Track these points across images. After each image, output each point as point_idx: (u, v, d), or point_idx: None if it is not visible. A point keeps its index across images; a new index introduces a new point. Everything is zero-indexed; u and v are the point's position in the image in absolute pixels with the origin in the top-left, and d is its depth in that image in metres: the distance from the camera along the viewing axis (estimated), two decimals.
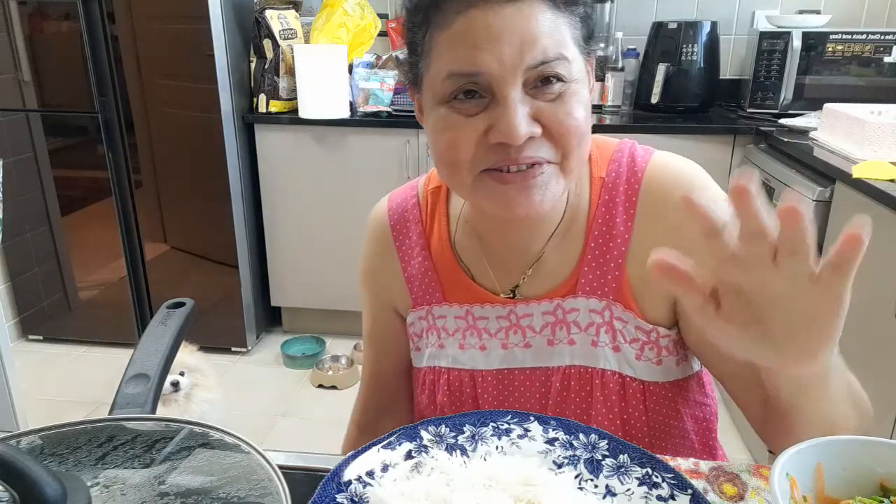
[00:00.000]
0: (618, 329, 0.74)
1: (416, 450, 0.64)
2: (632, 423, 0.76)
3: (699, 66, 2.58)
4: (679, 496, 0.58)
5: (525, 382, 0.79)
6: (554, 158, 0.64)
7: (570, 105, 0.62)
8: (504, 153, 0.63)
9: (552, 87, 0.62)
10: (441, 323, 0.81)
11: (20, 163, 2.64)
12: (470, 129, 0.63)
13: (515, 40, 0.60)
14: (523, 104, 0.61)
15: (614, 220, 0.73)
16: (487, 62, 0.60)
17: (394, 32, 2.95)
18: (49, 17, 2.48)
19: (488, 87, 0.61)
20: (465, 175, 0.66)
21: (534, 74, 0.61)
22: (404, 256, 0.83)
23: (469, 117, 0.63)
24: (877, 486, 0.55)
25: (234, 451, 0.51)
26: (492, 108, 0.62)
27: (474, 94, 0.62)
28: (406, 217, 0.83)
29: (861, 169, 1.65)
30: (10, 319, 2.84)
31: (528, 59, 0.60)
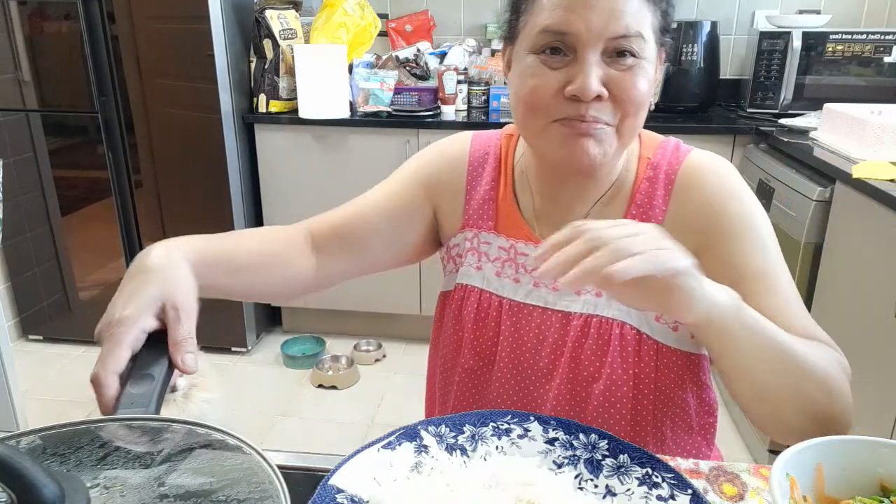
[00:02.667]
0: None
1: (416, 450, 0.64)
2: (642, 379, 0.81)
3: (699, 66, 2.58)
4: (679, 496, 0.58)
5: (546, 322, 0.84)
6: (613, 122, 0.73)
7: (636, 77, 0.71)
8: (575, 107, 0.71)
9: (626, 59, 0.71)
10: (485, 248, 0.88)
11: (20, 163, 2.64)
12: (551, 79, 0.72)
13: (605, 10, 0.69)
14: (598, 66, 0.70)
15: (655, 193, 0.81)
16: (576, 24, 0.69)
17: (394, 32, 2.95)
18: (49, 17, 2.48)
19: (573, 47, 0.71)
20: (539, 120, 0.74)
21: (613, 45, 0.70)
22: (472, 181, 0.89)
23: (552, 70, 0.72)
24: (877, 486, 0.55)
25: (235, 452, 0.51)
26: (572, 65, 0.71)
27: (560, 52, 0.71)
28: (486, 154, 0.90)
29: (861, 169, 1.65)
30: (10, 319, 2.84)
31: (612, 29, 0.69)
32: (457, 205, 0.90)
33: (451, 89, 2.60)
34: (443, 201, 0.91)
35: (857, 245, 1.64)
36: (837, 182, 1.76)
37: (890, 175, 1.59)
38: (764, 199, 2.08)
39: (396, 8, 2.99)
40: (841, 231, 1.73)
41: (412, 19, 2.95)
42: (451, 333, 0.90)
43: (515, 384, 0.87)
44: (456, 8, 2.98)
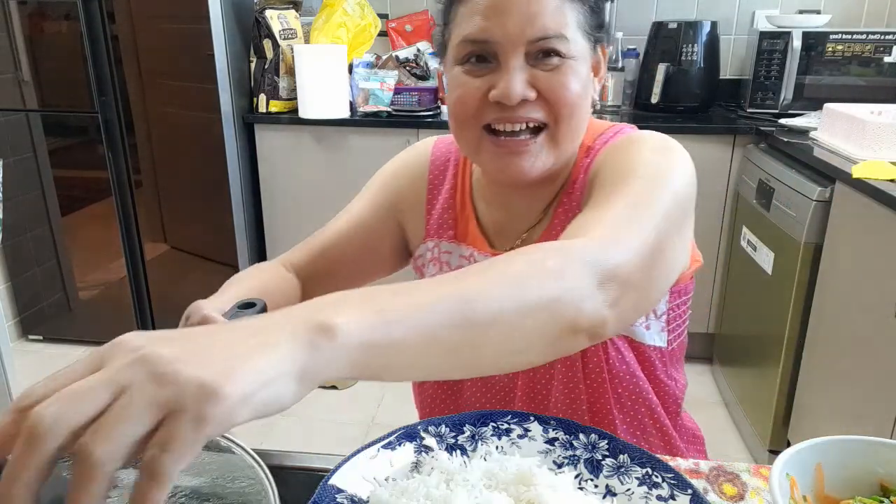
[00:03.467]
0: None
1: (416, 450, 0.64)
2: (591, 369, 0.80)
3: (699, 66, 2.58)
4: (679, 496, 0.58)
5: None
6: (546, 120, 0.72)
7: (565, 77, 0.71)
8: (501, 111, 0.71)
9: (551, 59, 0.70)
10: (446, 258, 0.88)
11: (20, 163, 2.64)
12: (475, 88, 0.72)
13: (521, 14, 0.69)
14: (522, 70, 0.70)
15: (579, 177, 0.80)
16: (493, 32, 0.70)
17: (394, 32, 2.95)
18: (49, 17, 2.48)
19: (494, 54, 0.71)
20: (470, 131, 0.75)
21: (534, 47, 0.70)
22: (433, 189, 0.90)
23: (476, 78, 0.72)
24: (877, 485, 0.55)
25: (225, 452, 0.51)
26: (496, 72, 0.71)
27: (484, 60, 0.72)
28: (447, 159, 0.91)
29: (861, 169, 1.65)
30: (10, 319, 2.84)
31: (530, 33, 0.69)
32: (419, 215, 0.90)
33: None
34: (407, 214, 0.91)
35: (857, 245, 1.64)
36: (837, 182, 1.76)
37: (890, 175, 1.59)
38: (764, 199, 2.08)
39: (396, 8, 2.98)
40: (841, 231, 1.73)
41: (412, 19, 2.95)
42: None
43: (485, 392, 0.88)
44: None
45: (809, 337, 1.86)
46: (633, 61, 2.72)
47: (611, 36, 2.74)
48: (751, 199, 2.19)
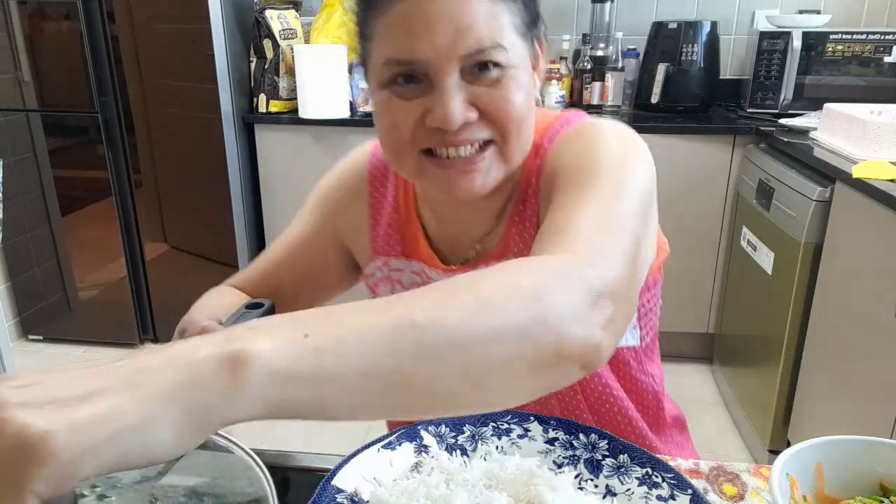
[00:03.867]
0: None
1: (416, 450, 0.64)
2: None
3: (699, 66, 2.57)
4: (679, 496, 0.58)
5: None
6: (492, 137, 0.65)
7: (507, 90, 0.63)
8: (441, 135, 0.64)
9: (489, 73, 0.63)
10: (397, 276, 0.83)
11: (20, 163, 2.64)
12: (408, 112, 0.64)
13: (450, 28, 0.60)
14: (459, 90, 0.62)
15: (530, 178, 0.73)
16: (423, 50, 0.61)
17: None
18: (49, 17, 2.48)
19: (425, 74, 0.63)
20: (408, 156, 0.67)
21: (469, 62, 0.62)
22: (375, 204, 0.84)
23: (408, 101, 0.64)
24: (876, 486, 0.55)
25: (224, 452, 0.51)
26: (429, 93, 0.63)
27: (413, 79, 0.63)
28: (387, 169, 0.84)
29: (861, 169, 1.65)
30: (10, 319, 2.84)
31: (463, 48, 0.61)
32: (364, 233, 0.84)
33: None
34: (350, 233, 0.86)
35: (857, 245, 1.64)
36: (837, 182, 1.76)
37: (890, 175, 1.59)
38: (764, 198, 2.08)
39: None
40: (841, 231, 1.73)
41: None
42: None
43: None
44: None
45: (809, 337, 1.86)
46: (633, 61, 2.72)
47: (611, 36, 2.74)
48: (751, 199, 2.19)
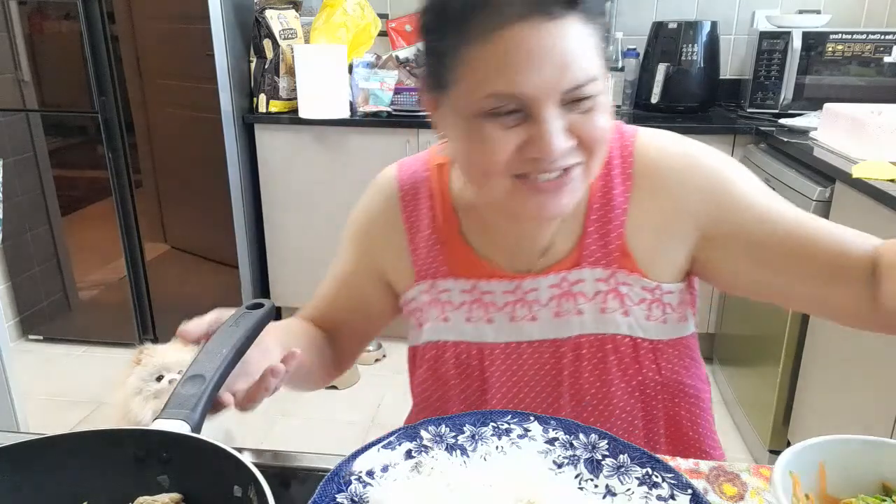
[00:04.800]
0: (624, 293, 0.77)
1: (416, 450, 0.64)
2: (647, 384, 0.79)
3: (699, 66, 2.58)
4: (679, 496, 0.58)
5: (534, 355, 0.80)
6: (582, 161, 0.68)
7: (598, 116, 0.66)
8: (537, 163, 0.66)
9: (584, 103, 0.65)
10: (446, 297, 0.81)
11: (20, 163, 2.64)
12: (507, 142, 0.65)
13: (556, 63, 0.62)
14: (559, 119, 0.64)
15: (612, 192, 0.77)
16: (528, 85, 0.62)
17: (394, 32, 2.95)
18: (49, 16, 2.48)
19: (527, 106, 0.64)
20: (499, 181, 0.68)
21: (570, 95, 0.64)
22: (412, 228, 0.83)
23: (506, 129, 0.65)
24: (879, 485, 0.55)
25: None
26: (529, 123, 0.64)
27: (512, 110, 0.64)
28: (417, 188, 0.84)
29: (861, 169, 1.65)
30: (10, 319, 2.84)
31: (566, 83, 0.63)
32: (405, 260, 0.83)
33: None
34: (389, 262, 0.85)
35: None
36: (837, 182, 1.76)
37: (890, 175, 1.59)
38: None
39: (396, 8, 2.98)
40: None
41: (412, 19, 2.95)
42: (430, 394, 0.85)
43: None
44: None
45: (809, 337, 1.86)
46: (633, 61, 2.72)
47: (611, 36, 2.74)
48: None
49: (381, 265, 0.86)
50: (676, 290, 0.78)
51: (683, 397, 0.82)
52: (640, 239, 0.77)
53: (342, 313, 0.90)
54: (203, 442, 0.52)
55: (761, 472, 0.67)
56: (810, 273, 0.70)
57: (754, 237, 0.73)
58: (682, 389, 0.81)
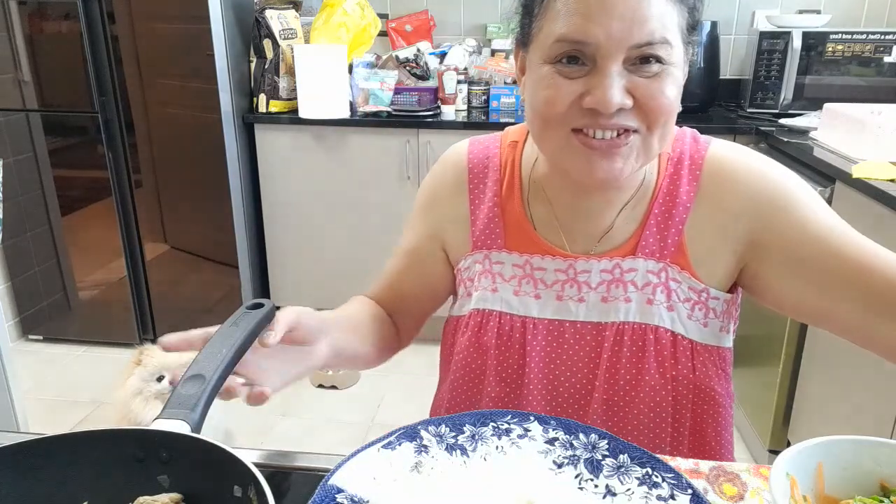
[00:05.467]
0: (672, 289, 0.78)
1: (416, 450, 0.64)
2: (680, 381, 0.79)
3: (699, 65, 2.57)
4: (679, 496, 0.58)
5: (576, 335, 0.81)
6: (638, 127, 0.68)
7: (664, 84, 0.67)
8: (594, 117, 0.67)
9: (651, 66, 0.66)
10: (498, 269, 0.83)
11: (20, 163, 2.64)
12: (568, 90, 0.67)
13: (627, 17, 0.63)
14: (620, 77, 0.65)
15: (678, 190, 0.79)
16: (596, 34, 0.64)
17: (394, 32, 2.95)
18: (49, 17, 2.48)
19: (592, 57, 0.66)
20: (556, 132, 0.70)
21: (636, 52, 0.65)
22: (475, 199, 0.85)
23: (569, 80, 0.67)
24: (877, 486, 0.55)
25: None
26: (591, 75, 0.66)
27: (577, 60, 0.67)
28: (487, 164, 0.86)
29: (861, 169, 1.65)
30: (10, 319, 2.84)
31: (635, 38, 0.64)
32: (464, 229, 0.86)
33: (452, 89, 2.60)
34: (450, 232, 0.88)
35: None
36: (837, 182, 1.76)
37: (890, 175, 1.59)
38: None
39: (396, 8, 2.99)
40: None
41: (412, 19, 2.95)
42: (470, 362, 0.85)
43: (550, 407, 0.83)
44: (456, 8, 2.98)
45: (809, 337, 1.86)
46: None
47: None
48: None
49: (443, 234, 0.88)
50: (722, 299, 0.80)
51: (712, 403, 0.82)
52: (697, 240, 0.78)
53: (406, 285, 0.91)
54: (203, 442, 0.52)
55: (761, 472, 0.67)
56: (861, 302, 0.69)
57: (806, 254, 0.72)
58: (713, 396, 0.81)
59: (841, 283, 0.70)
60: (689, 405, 0.81)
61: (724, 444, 0.85)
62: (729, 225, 0.77)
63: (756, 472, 0.67)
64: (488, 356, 0.84)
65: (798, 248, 0.73)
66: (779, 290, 0.76)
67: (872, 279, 0.68)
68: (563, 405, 0.83)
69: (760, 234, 0.75)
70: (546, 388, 0.83)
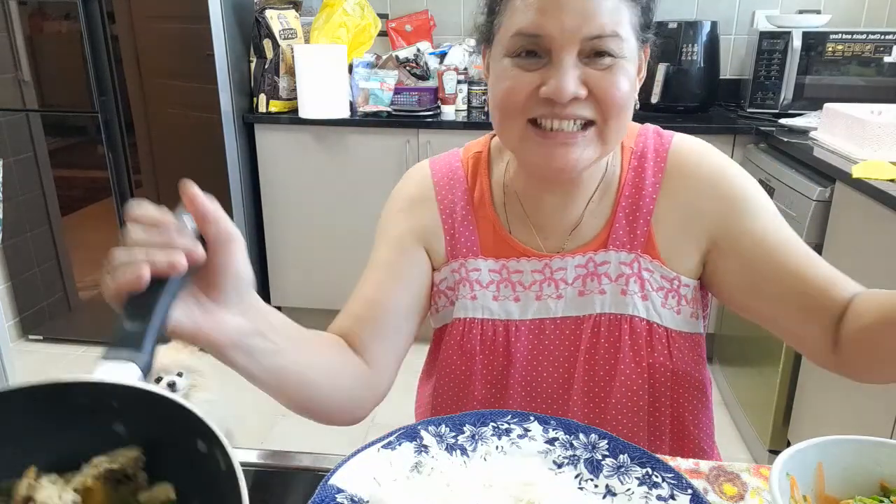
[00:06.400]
0: (646, 279, 0.81)
1: (416, 450, 0.64)
2: (657, 368, 0.81)
3: (699, 65, 2.57)
4: (679, 496, 0.58)
5: (556, 331, 0.83)
6: (594, 118, 0.72)
7: (616, 76, 0.70)
8: (550, 107, 0.71)
9: (603, 59, 0.70)
10: (475, 276, 0.85)
11: (20, 163, 2.64)
12: (526, 81, 0.71)
13: (579, 11, 0.68)
14: (574, 68, 0.69)
15: (643, 182, 0.82)
16: (549, 27, 0.68)
17: (394, 32, 2.95)
18: (49, 17, 2.48)
19: (547, 50, 0.70)
20: (514, 122, 0.73)
21: (588, 46, 0.69)
22: (446, 210, 0.86)
23: (527, 72, 0.71)
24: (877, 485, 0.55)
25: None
26: (548, 67, 0.70)
27: (535, 54, 0.71)
28: (451, 176, 0.88)
29: (861, 169, 1.65)
30: (10, 319, 2.84)
31: (585, 31, 0.68)
32: (439, 236, 0.86)
33: (451, 89, 2.60)
34: (428, 229, 0.86)
35: (857, 245, 1.64)
36: (837, 182, 1.76)
37: (890, 175, 1.59)
38: None
39: (396, 8, 2.99)
40: (841, 231, 1.73)
41: (412, 19, 2.95)
42: (456, 368, 0.86)
43: (534, 404, 0.85)
44: (456, 8, 2.98)
45: None
46: None
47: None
48: None
49: (426, 234, 0.86)
50: (692, 286, 0.82)
51: (689, 388, 0.84)
52: (663, 231, 0.81)
53: (390, 295, 0.83)
54: (151, 394, 0.46)
55: (761, 472, 0.67)
56: (795, 306, 0.74)
57: (758, 260, 0.76)
58: (690, 381, 0.84)
59: (784, 288, 0.74)
60: (668, 392, 0.83)
61: (702, 429, 0.87)
62: (692, 220, 0.80)
63: (756, 472, 0.67)
64: (474, 362, 0.85)
65: (752, 254, 0.77)
66: (730, 290, 0.80)
67: (807, 286, 0.73)
68: (547, 401, 0.85)
69: (720, 236, 0.79)
70: (529, 387, 0.85)
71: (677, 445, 0.86)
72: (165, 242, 0.53)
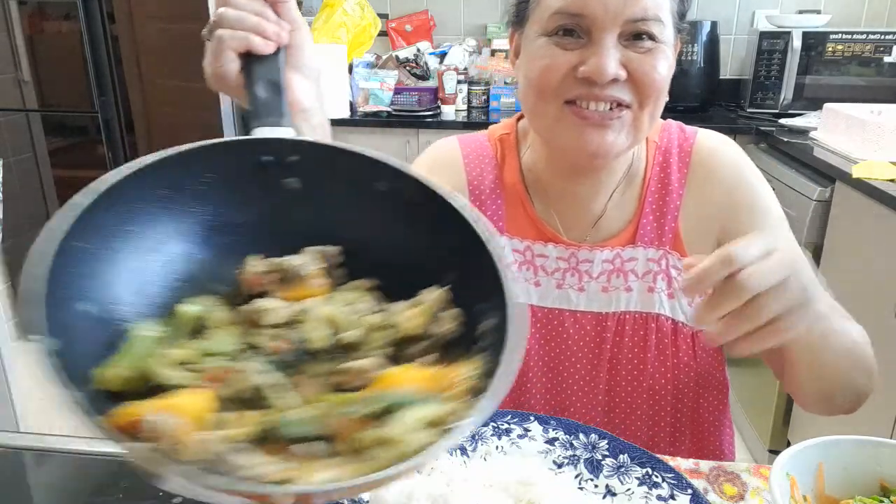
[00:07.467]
0: (673, 276, 0.80)
1: None
2: (682, 369, 0.80)
3: (699, 65, 2.57)
4: (679, 496, 0.58)
5: (575, 325, 0.82)
6: (630, 102, 0.70)
7: (656, 60, 0.69)
8: (588, 87, 0.69)
9: (644, 42, 0.69)
10: None
11: (20, 163, 2.64)
12: (563, 60, 0.70)
13: None
14: (615, 49, 0.68)
15: (669, 178, 0.81)
16: (593, 6, 0.67)
17: (394, 32, 2.95)
18: (49, 17, 2.48)
19: (588, 30, 0.69)
20: (550, 104, 0.72)
21: (630, 28, 0.68)
22: (473, 181, 0.85)
23: (566, 51, 0.70)
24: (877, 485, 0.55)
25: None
26: (587, 47, 0.69)
27: (573, 33, 0.69)
28: (480, 151, 0.86)
29: (861, 169, 1.65)
30: (11, 319, 2.84)
31: (630, 13, 0.67)
32: None
33: (452, 89, 2.60)
34: None
35: (857, 245, 1.64)
36: (837, 182, 1.76)
37: (890, 175, 1.59)
38: None
39: (396, 8, 2.98)
40: (841, 231, 1.73)
41: (412, 19, 2.95)
42: None
43: (553, 398, 0.83)
44: (456, 8, 2.98)
45: None
46: None
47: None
48: None
49: None
50: None
51: (712, 390, 0.83)
52: (689, 227, 0.80)
53: None
54: (335, 148, 0.49)
55: (761, 472, 0.67)
56: None
57: None
58: (712, 382, 0.82)
59: None
60: (690, 393, 0.81)
61: (723, 431, 0.86)
62: (710, 218, 0.80)
63: (756, 472, 0.67)
64: None
65: None
66: None
67: None
68: (570, 397, 0.83)
69: (722, 240, 0.78)
70: (549, 378, 0.83)
71: (697, 447, 0.84)
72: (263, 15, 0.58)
